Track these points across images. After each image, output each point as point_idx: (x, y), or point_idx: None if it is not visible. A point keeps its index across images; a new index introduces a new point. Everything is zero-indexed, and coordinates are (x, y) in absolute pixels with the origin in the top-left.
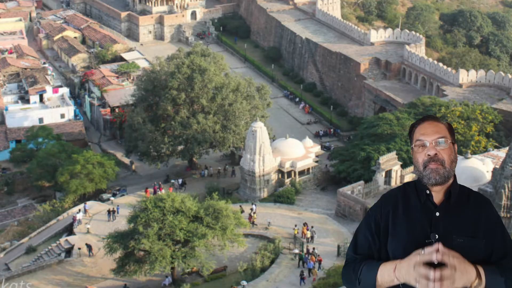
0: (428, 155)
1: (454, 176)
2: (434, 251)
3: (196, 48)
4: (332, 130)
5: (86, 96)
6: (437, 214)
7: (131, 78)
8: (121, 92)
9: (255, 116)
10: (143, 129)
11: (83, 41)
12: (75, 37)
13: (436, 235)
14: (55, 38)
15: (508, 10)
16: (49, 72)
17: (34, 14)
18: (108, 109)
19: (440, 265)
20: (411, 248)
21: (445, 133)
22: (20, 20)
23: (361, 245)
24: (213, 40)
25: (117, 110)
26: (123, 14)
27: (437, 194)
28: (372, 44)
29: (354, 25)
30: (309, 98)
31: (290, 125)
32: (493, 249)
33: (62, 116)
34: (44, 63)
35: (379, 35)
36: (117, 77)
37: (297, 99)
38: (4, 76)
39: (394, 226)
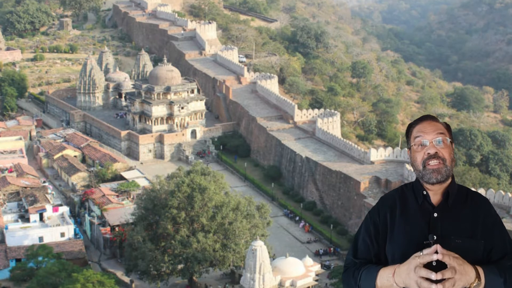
0: (428, 153)
1: (452, 176)
2: (433, 252)
3: (196, 167)
4: (332, 249)
5: (86, 215)
6: (435, 215)
7: (131, 197)
8: (121, 211)
9: (255, 235)
10: (143, 248)
11: (83, 160)
12: (75, 156)
13: (434, 236)
14: (55, 156)
15: (508, 129)
16: (49, 191)
17: (34, 133)
18: (108, 228)
19: (439, 268)
20: (409, 251)
21: (444, 131)
22: (20, 138)
23: (361, 250)
24: (213, 159)
25: (117, 229)
26: (123, 133)
27: (435, 195)
28: (372, 162)
29: (354, 143)
30: (309, 217)
31: (290, 244)
32: (492, 249)
33: (62, 235)
34: (44, 182)
35: (379, 153)
36: (117, 196)
37: (297, 218)
38: (4, 195)
39: (392, 228)
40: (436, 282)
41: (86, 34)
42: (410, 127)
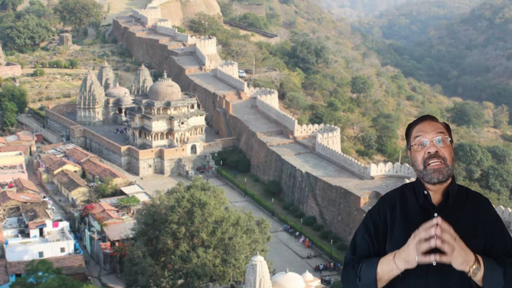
0: (429, 152)
1: (453, 176)
2: (433, 225)
3: (196, 182)
4: (332, 264)
5: (86, 230)
6: (435, 214)
7: (131, 212)
8: (121, 226)
9: (255, 250)
10: (143, 263)
11: (83, 175)
12: (75, 171)
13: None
14: (55, 172)
15: (508, 144)
16: (49, 206)
17: (34, 148)
18: (108, 243)
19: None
20: None
21: (444, 131)
22: (20, 154)
23: (360, 248)
24: (213, 174)
25: (117, 244)
26: (123, 148)
27: (435, 195)
28: (372, 178)
29: (354, 159)
30: (309, 232)
31: (290, 259)
32: (492, 249)
33: (62, 250)
34: (44, 197)
35: (379, 169)
36: (117, 211)
37: (297, 233)
38: (4, 210)
39: (392, 228)
40: (436, 235)
41: (86, 49)
42: (410, 127)
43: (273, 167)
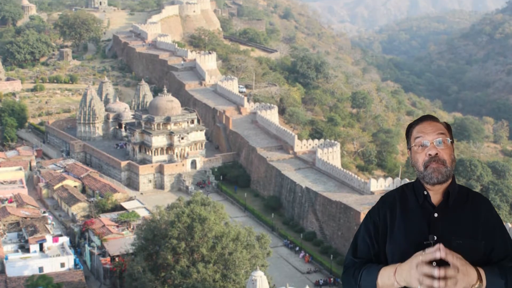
0: (429, 154)
1: (453, 176)
2: (436, 251)
3: (196, 197)
4: (332, 279)
5: (86, 245)
6: (436, 215)
7: (131, 227)
8: (121, 241)
9: (255, 265)
10: (143, 278)
11: (83, 190)
12: (75, 186)
13: (435, 237)
14: (55, 187)
15: (508, 159)
16: (49, 221)
17: (34, 163)
18: (108, 258)
19: (441, 267)
20: (409, 250)
21: (445, 132)
22: (20, 169)
23: (360, 249)
24: (213, 189)
25: (117, 259)
26: (123, 163)
27: (436, 195)
28: (372, 193)
29: (354, 174)
30: (309, 247)
31: (290, 274)
32: (493, 250)
33: (62, 265)
34: (44, 212)
35: (379, 184)
36: (117, 226)
37: (297, 248)
38: (4, 225)
39: (392, 228)
40: (439, 279)
41: (86, 64)
42: (410, 128)
43: (273, 182)
